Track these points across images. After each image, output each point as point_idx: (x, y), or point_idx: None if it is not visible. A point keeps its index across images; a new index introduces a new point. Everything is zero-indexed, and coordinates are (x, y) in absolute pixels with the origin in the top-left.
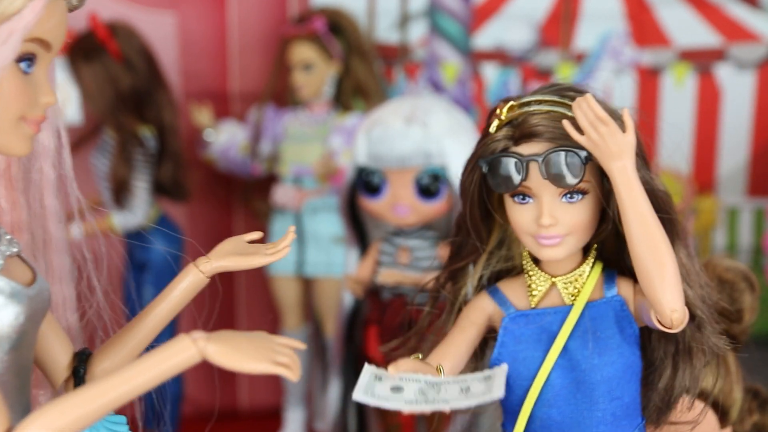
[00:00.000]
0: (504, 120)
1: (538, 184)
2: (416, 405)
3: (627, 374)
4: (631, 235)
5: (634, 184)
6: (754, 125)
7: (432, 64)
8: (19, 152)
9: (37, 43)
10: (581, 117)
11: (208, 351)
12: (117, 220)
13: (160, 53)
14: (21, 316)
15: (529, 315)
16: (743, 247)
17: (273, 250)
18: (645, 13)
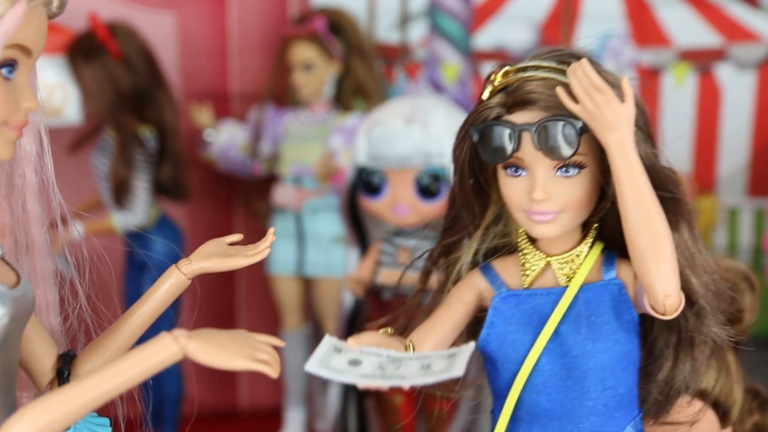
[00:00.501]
0: (497, 86)
1: (531, 156)
2: (372, 380)
3: (622, 363)
4: (626, 212)
5: (632, 157)
6: (754, 125)
7: (432, 64)
8: (2, 157)
9: (18, 49)
10: (576, 84)
11: (189, 348)
12: (117, 220)
13: (160, 53)
14: (5, 317)
15: (520, 295)
16: (743, 247)
17: (253, 252)
18: (645, 13)
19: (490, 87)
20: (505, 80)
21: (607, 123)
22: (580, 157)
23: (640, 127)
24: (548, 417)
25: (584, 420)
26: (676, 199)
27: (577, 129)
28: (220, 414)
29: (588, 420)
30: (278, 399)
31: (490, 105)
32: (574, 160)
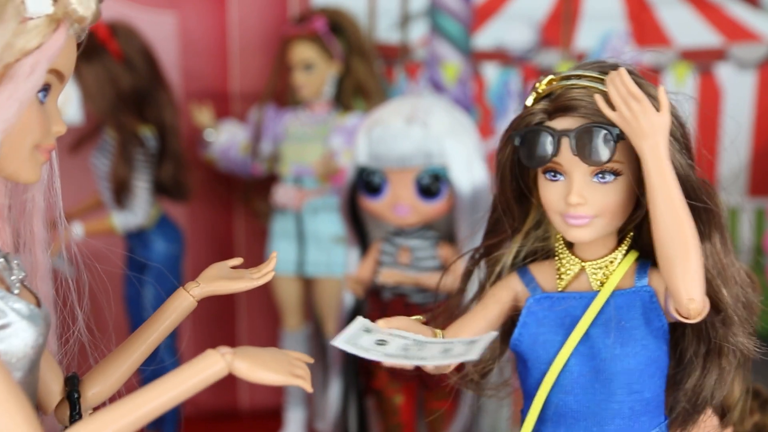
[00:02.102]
0: (541, 93)
1: (569, 161)
2: (395, 359)
3: (650, 369)
4: (656, 217)
5: (665, 165)
6: (754, 125)
7: (432, 64)
8: (31, 179)
9: (54, 74)
10: (613, 92)
11: (234, 365)
12: (117, 220)
13: (161, 53)
14: (40, 337)
15: (554, 298)
16: (744, 247)
17: (258, 275)
18: (645, 13)
19: (534, 94)
20: (548, 88)
21: (643, 131)
22: (617, 164)
23: (677, 137)
24: (575, 418)
25: (610, 422)
26: (709, 210)
27: (613, 136)
28: (220, 414)
29: (614, 423)
30: (278, 399)
31: (533, 111)
32: (610, 166)
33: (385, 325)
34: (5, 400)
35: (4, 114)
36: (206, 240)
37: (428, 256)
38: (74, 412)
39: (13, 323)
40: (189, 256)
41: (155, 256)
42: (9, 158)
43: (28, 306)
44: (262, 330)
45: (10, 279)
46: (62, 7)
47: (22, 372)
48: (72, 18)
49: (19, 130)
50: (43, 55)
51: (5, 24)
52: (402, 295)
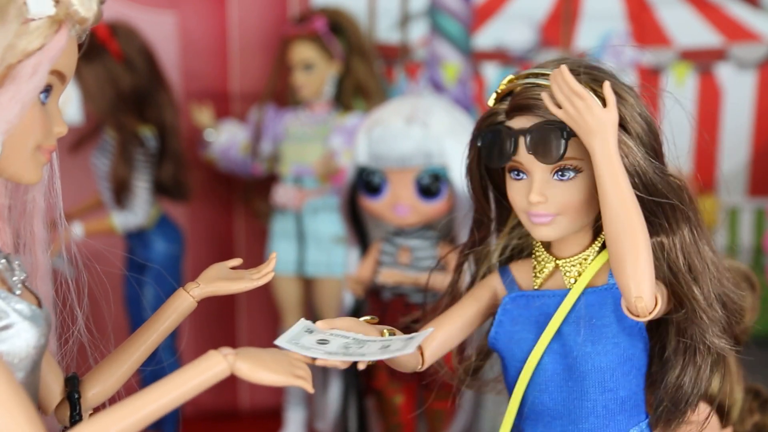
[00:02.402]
0: (500, 92)
1: (528, 160)
2: (335, 356)
3: (624, 367)
4: (606, 213)
5: (614, 160)
6: (754, 125)
7: (432, 64)
8: (32, 180)
9: (56, 75)
10: (556, 90)
11: (236, 366)
12: (118, 220)
13: (161, 53)
14: (42, 338)
15: (528, 296)
16: (744, 247)
17: (258, 276)
18: (645, 13)
19: (494, 93)
20: (507, 87)
21: (589, 127)
22: (575, 161)
23: (639, 134)
24: (551, 416)
25: (584, 421)
26: (673, 205)
27: (563, 134)
28: (220, 414)
29: (588, 421)
30: (278, 399)
31: (495, 110)
32: (569, 164)
33: (326, 326)
34: (8, 401)
35: (7, 115)
36: (206, 240)
37: (428, 256)
38: (74, 412)
39: (15, 324)
40: (189, 256)
41: (155, 256)
42: (11, 159)
43: (30, 307)
44: (262, 330)
45: (12, 280)
46: (64, 8)
47: (24, 372)
48: (74, 19)
49: (21, 130)
50: (45, 56)
51: (7, 25)
52: (402, 295)
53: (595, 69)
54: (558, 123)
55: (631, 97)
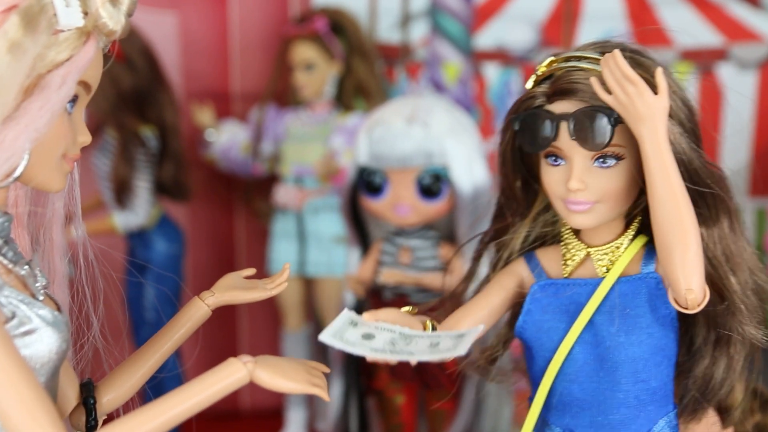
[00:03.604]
0: (540, 75)
1: (568, 146)
2: (382, 354)
3: (656, 357)
4: (655, 203)
5: (663, 149)
6: (755, 125)
7: (433, 64)
8: (57, 188)
9: (82, 85)
10: (608, 75)
11: (256, 373)
12: (118, 220)
13: (162, 53)
14: (64, 343)
15: (558, 284)
16: None
17: (272, 285)
18: (646, 13)
19: (534, 76)
20: (548, 70)
21: (639, 114)
22: (618, 148)
23: (680, 121)
24: (580, 406)
25: (615, 411)
26: (715, 195)
27: (611, 120)
28: (221, 414)
29: (619, 411)
30: (279, 399)
31: (532, 94)
32: (611, 151)
33: (371, 318)
34: (32, 404)
35: (36, 124)
36: (207, 240)
37: (429, 256)
38: (90, 417)
39: (38, 329)
40: (190, 256)
41: (156, 256)
42: (38, 168)
43: (52, 313)
44: (263, 330)
45: (35, 286)
46: (92, 20)
47: (44, 377)
48: (102, 31)
49: (49, 140)
50: (73, 66)
51: (38, 35)
52: (403, 295)
53: (637, 53)
54: (605, 108)
55: (674, 84)
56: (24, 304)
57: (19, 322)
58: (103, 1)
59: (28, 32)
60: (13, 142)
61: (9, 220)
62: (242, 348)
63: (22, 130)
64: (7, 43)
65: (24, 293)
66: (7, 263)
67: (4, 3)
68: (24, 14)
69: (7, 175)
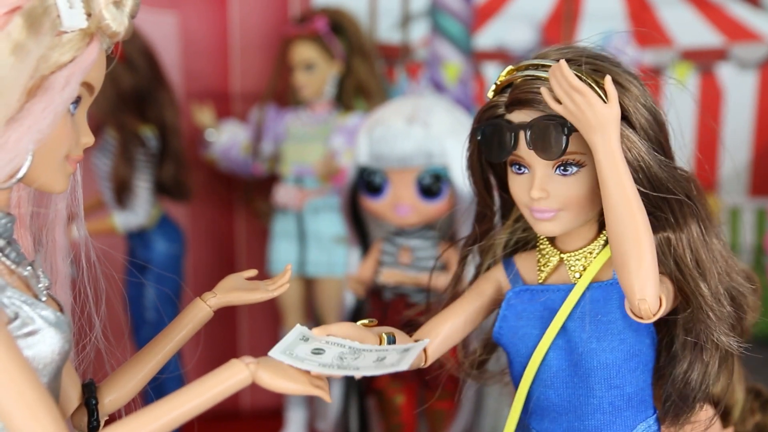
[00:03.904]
0: (499, 84)
1: (529, 154)
2: (329, 369)
3: (630, 363)
4: (609, 211)
5: (617, 157)
6: (755, 125)
7: (433, 64)
8: (60, 189)
9: (85, 87)
10: (555, 85)
11: (258, 374)
12: (119, 220)
13: (162, 53)
14: (67, 344)
15: (533, 290)
16: (745, 246)
17: (273, 287)
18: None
19: (494, 85)
20: (507, 79)
21: (590, 123)
22: (578, 155)
23: (643, 128)
24: (557, 411)
25: (590, 417)
26: (681, 200)
27: (564, 129)
28: (221, 414)
29: (594, 417)
30: (279, 399)
31: (494, 103)
32: (571, 158)
33: (322, 333)
34: (35, 405)
35: (39, 125)
36: (207, 240)
37: (429, 256)
38: (92, 418)
39: (41, 330)
40: (190, 256)
41: (156, 256)
42: (40, 169)
43: (55, 313)
44: (263, 330)
45: (38, 287)
46: (96, 21)
47: (47, 378)
48: (105, 33)
49: (52, 141)
50: (77, 68)
51: (42, 37)
52: (403, 295)
53: (598, 59)
54: (559, 118)
55: (635, 88)
56: (27, 305)
57: (21, 323)
58: (107, 3)
59: (32, 34)
60: (17, 143)
61: (12, 221)
62: (242, 348)
63: (25, 131)
64: (11, 44)
65: (27, 294)
66: (9, 264)
67: (8, 4)
68: (28, 16)
69: (10, 176)
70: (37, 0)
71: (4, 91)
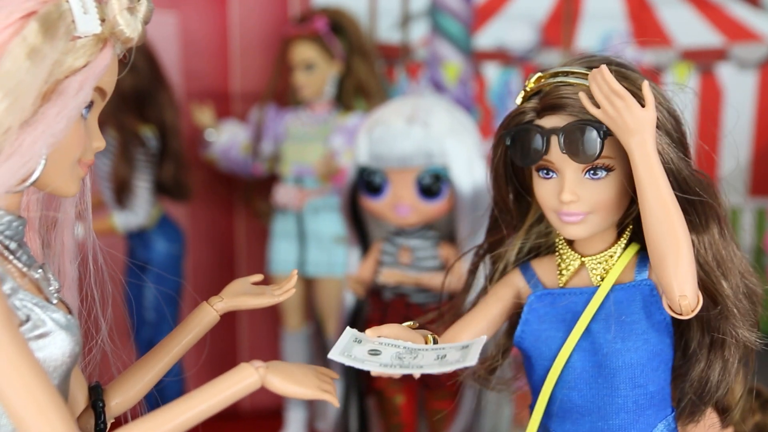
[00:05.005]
0: (529, 91)
1: (559, 159)
2: (391, 368)
3: (653, 362)
4: (646, 212)
5: (652, 160)
6: (755, 125)
7: (433, 64)
8: (71, 193)
9: (98, 91)
10: (596, 90)
11: (267, 378)
12: (118, 220)
13: (162, 53)
14: (77, 346)
15: (555, 294)
16: (745, 246)
17: (280, 291)
18: (646, 13)
19: (523, 92)
20: (537, 85)
21: (628, 127)
22: (608, 160)
23: (668, 131)
24: (580, 413)
25: (614, 417)
26: (704, 202)
27: (600, 133)
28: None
29: (618, 417)
30: (279, 399)
31: (522, 110)
32: (601, 162)
33: (374, 334)
34: (46, 407)
35: (53, 129)
36: (207, 240)
37: (429, 256)
38: (99, 421)
39: (52, 333)
40: (190, 256)
41: (156, 256)
42: (53, 172)
43: (65, 316)
44: (263, 330)
45: (48, 289)
46: (109, 27)
47: (57, 381)
48: (118, 38)
49: (65, 145)
50: (91, 73)
51: (57, 41)
52: (403, 295)
53: (623, 67)
54: (594, 122)
55: (660, 95)
56: (38, 307)
57: (33, 325)
58: (121, 9)
59: (47, 38)
60: (31, 147)
61: (23, 224)
62: (242, 347)
63: (39, 135)
64: (27, 48)
65: (38, 297)
66: (21, 266)
67: (24, 9)
68: (43, 20)
69: (23, 180)
70: (52, 5)
71: (19, 96)
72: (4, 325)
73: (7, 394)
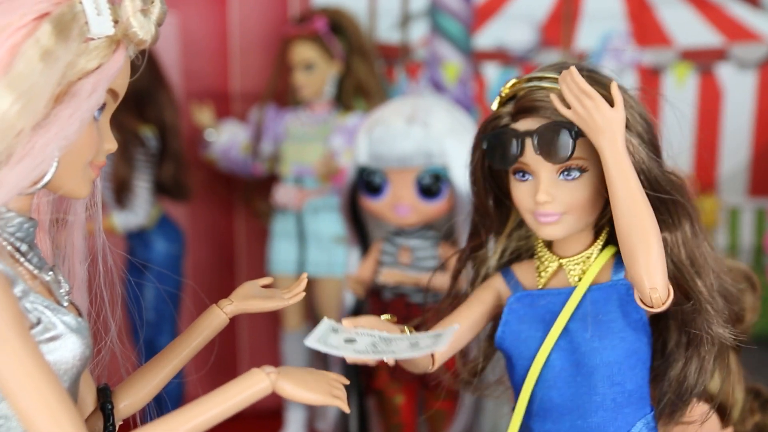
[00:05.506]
0: (504, 96)
1: (534, 161)
2: (365, 354)
3: (630, 360)
4: (617, 209)
5: (622, 158)
6: (755, 125)
7: (433, 64)
8: (83, 195)
9: (110, 93)
10: (566, 90)
11: (279, 384)
12: (118, 220)
13: (162, 53)
14: (87, 349)
15: (533, 295)
16: (744, 247)
17: (289, 295)
18: (646, 13)
19: (498, 97)
20: (512, 91)
21: (598, 126)
22: (581, 161)
23: (640, 133)
24: (560, 411)
25: (593, 415)
26: (675, 201)
27: (571, 133)
28: None
29: (597, 415)
30: (279, 399)
31: (498, 114)
32: (575, 163)
33: (350, 325)
34: (57, 410)
35: (66, 131)
36: (207, 240)
37: (429, 256)
38: (108, 423)
39: (62, 335)
40: (190, 256)
41: (156, 256)
42: (65, 175)
43: (76, 319)
44: (263, 330)
45: (59, 292)
46: (122, 29)
47: (67, 384)
48: (132, 40)
49: (77, 147)
50: (103, 75)
51: (70, 43)
52: (402, 294)
53: (594, 72)
54: (566, 123)
55: (631, 99)
56: (49, 310)
57: (44, 328)
58: (134, 11)
59: (61, 40)
60: (43, 148)
61: (34, 226)
62: (242, 347)
63: (52, 137)
64: (40, 50)
65: (49, 299)
66: (32, 269)
67: (37, 10)
68: (56, 22)
69: (35, 181)
70: (65, 6)
71: (32, 98)
72: (15, 329)
73: (18, 397)
